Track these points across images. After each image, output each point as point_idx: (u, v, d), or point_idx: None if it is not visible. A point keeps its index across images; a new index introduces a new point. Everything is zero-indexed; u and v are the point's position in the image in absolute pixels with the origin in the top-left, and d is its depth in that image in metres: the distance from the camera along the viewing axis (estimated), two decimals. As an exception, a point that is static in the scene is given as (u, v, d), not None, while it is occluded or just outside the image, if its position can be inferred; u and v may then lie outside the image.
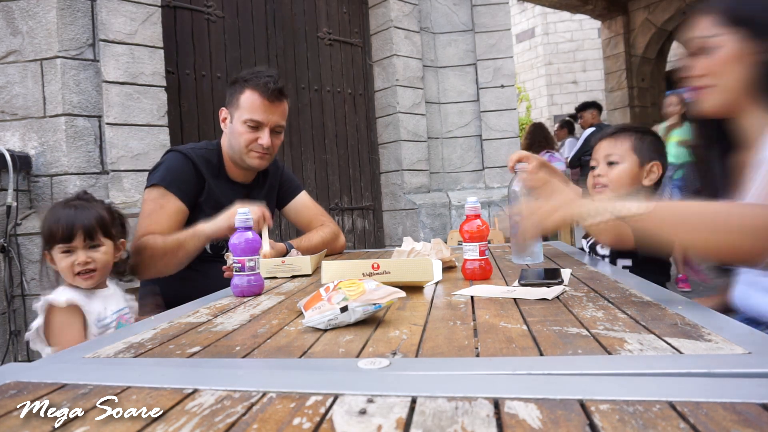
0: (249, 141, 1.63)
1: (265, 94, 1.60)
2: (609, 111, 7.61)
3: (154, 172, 1.64)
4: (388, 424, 0.42)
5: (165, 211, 1.55)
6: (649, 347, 0.60)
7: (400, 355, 0.63)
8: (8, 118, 2.54)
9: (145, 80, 2.71)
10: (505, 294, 0.95)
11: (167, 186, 1.57)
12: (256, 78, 1.61)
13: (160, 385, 0.54)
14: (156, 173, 1.61)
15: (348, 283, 0.83)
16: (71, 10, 2.55)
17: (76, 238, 1.25)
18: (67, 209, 1.27)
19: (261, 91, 1.60)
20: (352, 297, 0.78)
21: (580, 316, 0.76)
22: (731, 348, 0.59)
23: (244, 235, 1.13)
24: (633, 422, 0.41)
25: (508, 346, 0.64)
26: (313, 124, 3.78)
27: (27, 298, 2.37)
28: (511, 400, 0.46)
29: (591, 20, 9.17)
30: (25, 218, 2.43)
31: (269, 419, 0.45)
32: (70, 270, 1.26)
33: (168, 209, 1.56)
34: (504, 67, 4.37)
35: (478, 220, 1.16)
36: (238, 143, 1.64)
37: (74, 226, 1.25)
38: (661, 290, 0.93)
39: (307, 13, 3.77)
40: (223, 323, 0.87)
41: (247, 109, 1.61)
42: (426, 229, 3.99)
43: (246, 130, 1.62)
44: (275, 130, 1.66)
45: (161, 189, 1.57)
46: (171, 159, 1.64)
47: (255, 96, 1.61)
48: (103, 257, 1.29)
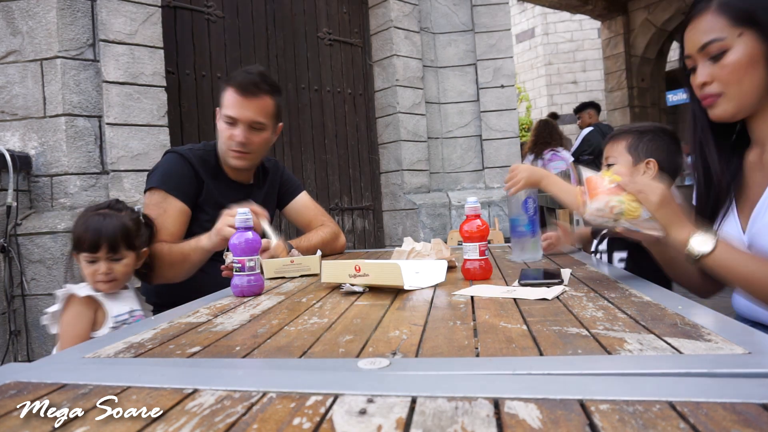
0: (227, 138, 1.63)
1: (239, 89, 1.60)
2: (609, 111, 7.62)
3: (152, 174, 1.64)
4: (388, 424, 0.42)
5: (168, 215, 1.56)
6: (649, 347, 0.60)
7: (400, 355, 0.63)
8: (8, 118, 2.54)
9: (145, 80, 2.71)
10: (505, 294, 0.95)
11: (167, 189, 1.57)
12: (236, 75, 1.63)
13: (160, 385, 0.54)
14: (154, 176, 1.62)
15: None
16: (71, 10, 2.55)
17: (100, 250, 1.32)
18: (96, 217, 1.33)
19: (235, 87, 1.60)
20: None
21: (580, 316, 0.76)
22: (731, 348, 0.59)
23: (244, 235, 1.13)
24: (633, 422, 0.41)
25: (508, 346, 0.64)
26: (313, 124, 3.78)
27: (27, 298, 2.37)
28: (511, 400, 0.46)
29: (591, 20, 9.17)
30: (25, 218, 2.43)
31: (269, 419, 0.45)
32: (92, 277, 1.34)
33: (171, 212, 1.57)
34: (504, 67, 4.37)
35: (478, 220, 1.16)
36: (221, 142, 1.66)
37: (100, 238, 1.31)
38: (660, 290, 0.93)
39: (307, 13, 3.77)
40: (223, 323, 0.87)
41: (225, 106, 1.62)
42: (426, 229, 3.99)
43: (224, 127, 1.63)
44: (253, 126, 1.63)
45: (161, 192, 1.57)
46: (168, 161, 1.65)
47: (231, 92, 1.61)
48: (123, 269, 1.36)
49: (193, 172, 1.63)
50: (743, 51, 0.92)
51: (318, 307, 0.97)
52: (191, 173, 1.63)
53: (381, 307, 0.92)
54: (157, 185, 1.58)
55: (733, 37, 0.93)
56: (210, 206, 1.62)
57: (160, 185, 1.58)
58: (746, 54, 0.92)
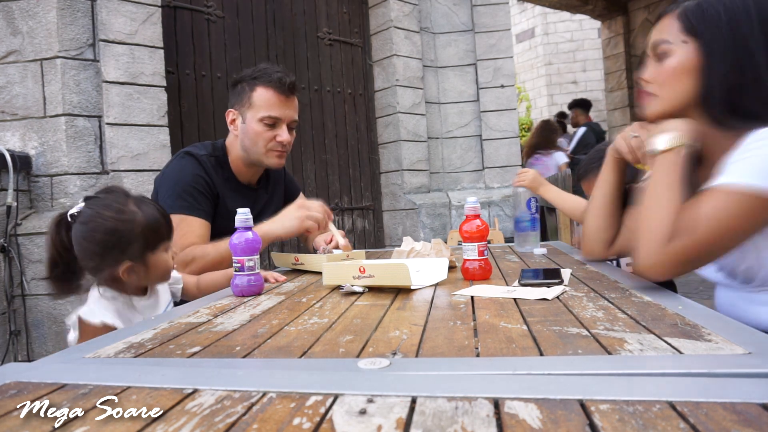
0: (268, 140, 1.58)
1: (281, 89, 1.56)
2: (609, 111, 7.62)
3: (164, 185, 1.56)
4: (388, 424, 0.42)
5: (193, 234, 1.50)
6: (649, 347, 0.60)
7: (400, 355, 0.63)
8: (8, 118, 2.54)
9: (145, 80, 2.71)
10: (505, 294, 0.95)
11: (186, 211, 1.51)
12: (266, 74, 1.57)
13: (160, 385, 0.54)
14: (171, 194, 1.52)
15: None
16: (71, 10, 2.55)
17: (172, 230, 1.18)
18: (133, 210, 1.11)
19: (275, 87, 1.56)
20: None
21: (580, 316, 0.76)
22: (731, 348, 0.58)
23: (244, 235, 1.13)
24: (633, 422, 0.41)
25: (508, 346, 0.64)
26: (313, 124, 3.78)
27: (27, 298, 2.37)
28: (511, 400, 0.46)
29: (591, 20, 9.17)
30: (25, 218, 2.43)
31: (269, 419, 0.45)
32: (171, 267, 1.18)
33: (194, 232, 1.51)
34: (504, 67, 4.37)
35: (477, 220, 1.16)
36: (255, 144, 1.59)
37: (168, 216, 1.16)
38: (661, 290, 0.93)
39: (307, 13, 3.77)
40: (224, 323, 0.87)
41: (263, 107, 1.57)
42: (426, 229, 3.99)
43: (263, 128, 1.58)
44: (291, 126, 1.63)
45: (180, 215, 1.48)
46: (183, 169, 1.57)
47: (270, 92, 1.56)
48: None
49: (209, 180, 1.58)
50: (681, 58, 0.95)
51: (318, 307, 0.97)
52: (207, 182, 1.57)
53: (381, 307, 0.92)
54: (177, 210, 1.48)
55: (678, 43, 0.96)
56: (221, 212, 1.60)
57: (179, 210, 1.48)
58: (682, 62, 0.95)
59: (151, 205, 1.15)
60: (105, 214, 1.08)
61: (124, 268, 1.09)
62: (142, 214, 1.10)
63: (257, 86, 1.58)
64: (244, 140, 1.62)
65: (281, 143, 1.60)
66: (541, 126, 4.95)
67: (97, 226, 1.07)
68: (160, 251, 1.14)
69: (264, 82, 1.57)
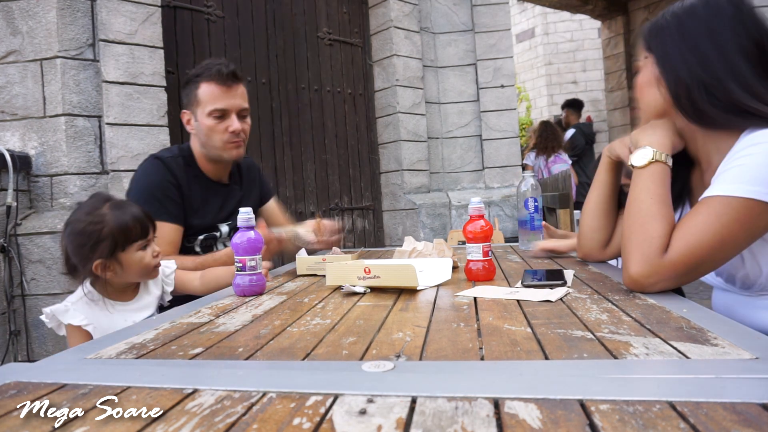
0: (221, 132, 1.60)
1: (221, 80, 1.58)
2: (609, 111, 7.61)
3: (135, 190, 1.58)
4: (388, 424, 0.42)
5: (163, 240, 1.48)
6: (655, 351, 0.59)
7: (404, 357, 0.63)
8: (8, 118, 2.54)
9: (145, 80, 2.71)
10: (508, 295, 0.95)
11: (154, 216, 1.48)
12: (207, 69, 1.60)
13: (160, 385, 0.54)
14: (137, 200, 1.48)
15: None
16: (71, 10, 2.55)
17: (150, 231, 1.25)
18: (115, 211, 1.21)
19: (216, 79, 1.58)
20: None
21: (585, 319, 0.76)
22: (738, 353, 0.58)
23: (246, 235, 1.13)
24: (633, 422, 0.41)
25: (512, 349, 0.63)
26: (313, 124, 3.78)
27: (27, 298, 2.37)
28: (511, 400, 0.45)
29: (591, 20, 9.16)
30: (25, 218, 2.43)
31: (269, 419, 0.45)
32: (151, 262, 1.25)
33: (164, 237, 1.50)
34: (504, 67, 4.37)
35: (481, 220, 1.16)
36: (211, 138, 1.61)
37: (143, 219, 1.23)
38: (664, 292, 0.93)
39: (307, 13, 3.77)
40: (225, 324, 0.87)
41: (209, 101, 1.59)
42: (426, 229, 3.99)
43: (214, 122, 1.60)
44: (241, 114, 1.64)
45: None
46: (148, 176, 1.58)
47: (212, 86, 1.59)
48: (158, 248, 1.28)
49: (175, 181, 1.58)
50: (645, 72, 1.05)
51: (320, 307, 0.97)
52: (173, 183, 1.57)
53: (384, 308, 0.92)
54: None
55: (642, 60, 1.06)
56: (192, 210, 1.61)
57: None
58: (646, 75, 1.04)
59: (129, 208, 1.24)
60: (80, 217, 1.21)
61: (97, 265, 1.19)
62: (112, 216, 1.20)
63: (201, 83, 1.60)
64: (200, 137, 1.64)
65: (234, 133, 1.61)
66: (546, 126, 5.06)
67: (73, 228, 1.20)
68: (131, 250, 1.22)
69: (205, 78, 1.60)
